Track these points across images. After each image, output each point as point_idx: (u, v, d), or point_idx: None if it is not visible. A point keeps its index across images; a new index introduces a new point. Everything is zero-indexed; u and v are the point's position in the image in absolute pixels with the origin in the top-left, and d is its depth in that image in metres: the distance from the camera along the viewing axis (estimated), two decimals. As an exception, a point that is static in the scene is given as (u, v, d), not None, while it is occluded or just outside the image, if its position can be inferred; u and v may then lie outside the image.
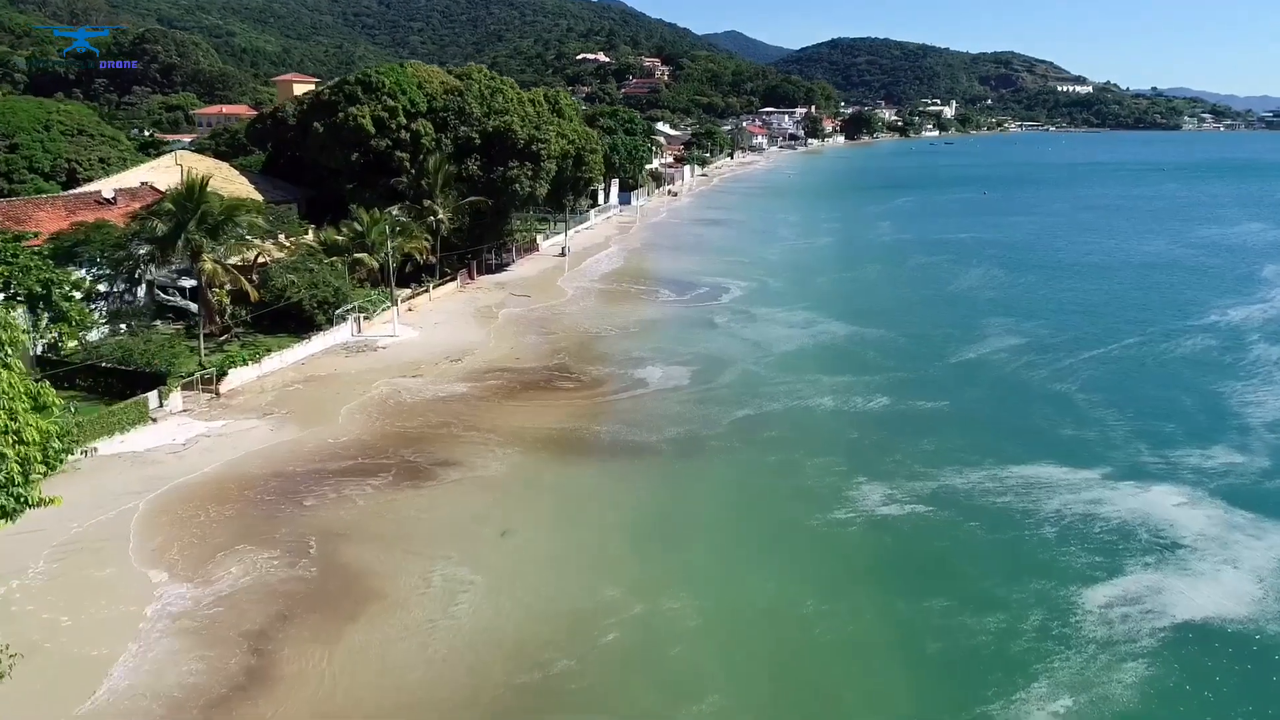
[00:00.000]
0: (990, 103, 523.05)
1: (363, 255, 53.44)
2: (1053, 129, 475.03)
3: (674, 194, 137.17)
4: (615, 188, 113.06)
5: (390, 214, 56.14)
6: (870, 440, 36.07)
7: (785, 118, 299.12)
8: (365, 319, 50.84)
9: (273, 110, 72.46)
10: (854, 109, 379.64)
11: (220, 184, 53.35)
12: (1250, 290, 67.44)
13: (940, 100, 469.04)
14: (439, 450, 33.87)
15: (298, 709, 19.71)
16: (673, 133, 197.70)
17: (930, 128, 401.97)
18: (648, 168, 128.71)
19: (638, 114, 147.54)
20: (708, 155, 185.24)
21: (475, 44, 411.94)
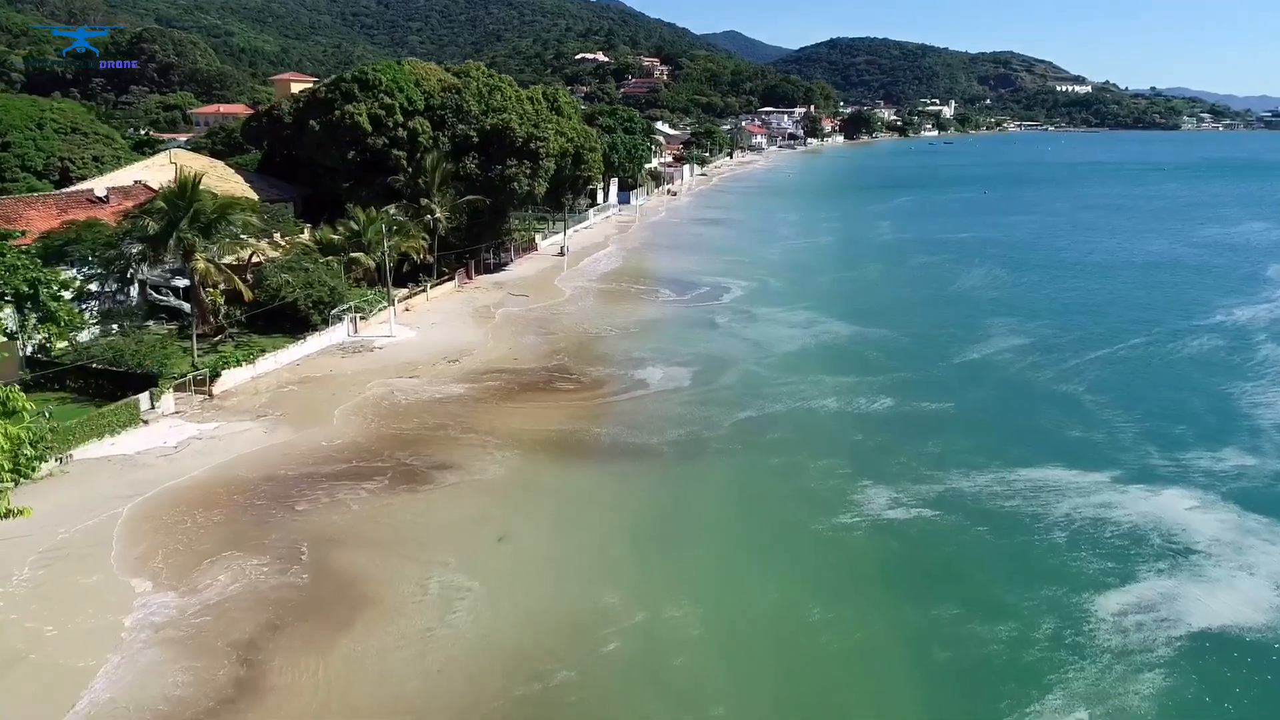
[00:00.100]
0: (989, 102, 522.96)
1: (359, 254, 52.89)
2: (1051, 129, 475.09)
3: (673, 193, 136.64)
4: (614, 187, 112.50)
5: (387, 213, 55.53)
6: (874, 442, 35.48)
7: (784, 117, 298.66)
8: (361, 319, 50.24)
9: (269, 108, 71.75)
10: (853, 109, 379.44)
11: (215, 182, 52.68)
12: (1255, 290, 66.86)
13: (939, 100, 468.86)
14: (436, 453, 33.25)
15: (289, 722, 19.05)
16: (672, 132, 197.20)
17: (929, 127, 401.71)
18: (647, 167, 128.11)
19: (637, 113, 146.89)
20: (707, 155, 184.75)
21: (474, 44, 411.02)
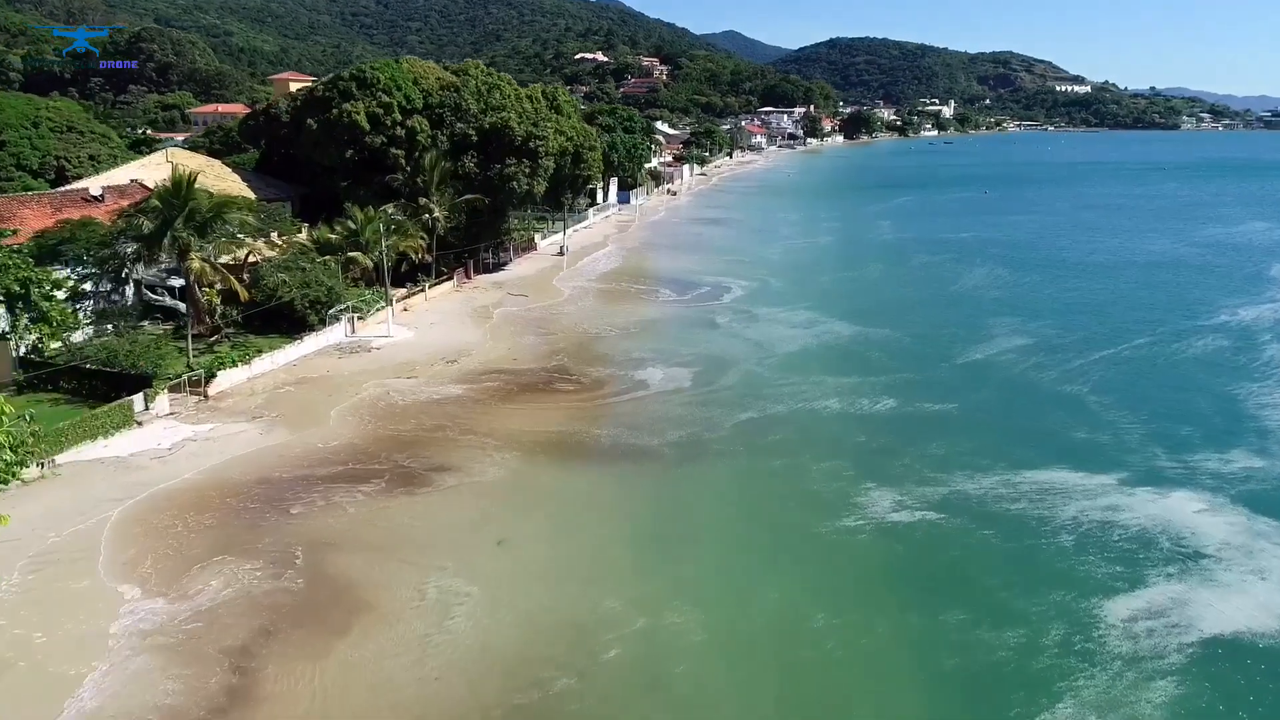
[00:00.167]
0: (989, 102, 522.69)
1: (357, 254, 52.42)
2: (1051, 129, 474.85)
3: (673, 193, 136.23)
4: (614, 186, 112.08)
5: (385, 212, 55.09)
6: (878, 444, 35.07)
7: (784, 117, 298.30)
8: (359, 319, 49.78)
9: (266, 107, 71.31)
10: (853, 109, 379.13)
11: (211, 181, 52.26)
12: (1259, 289, 66.47)
13: (939, 100, 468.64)
14: (434, 455, 32.81)
15: (282, 732, 18.63)
16: (671, 132, 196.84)
17: (929, 127, 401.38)
18: (647, 166, 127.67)
19: (636, 112, 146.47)
20: (707, 154, 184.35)
21: (473, 44, 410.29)
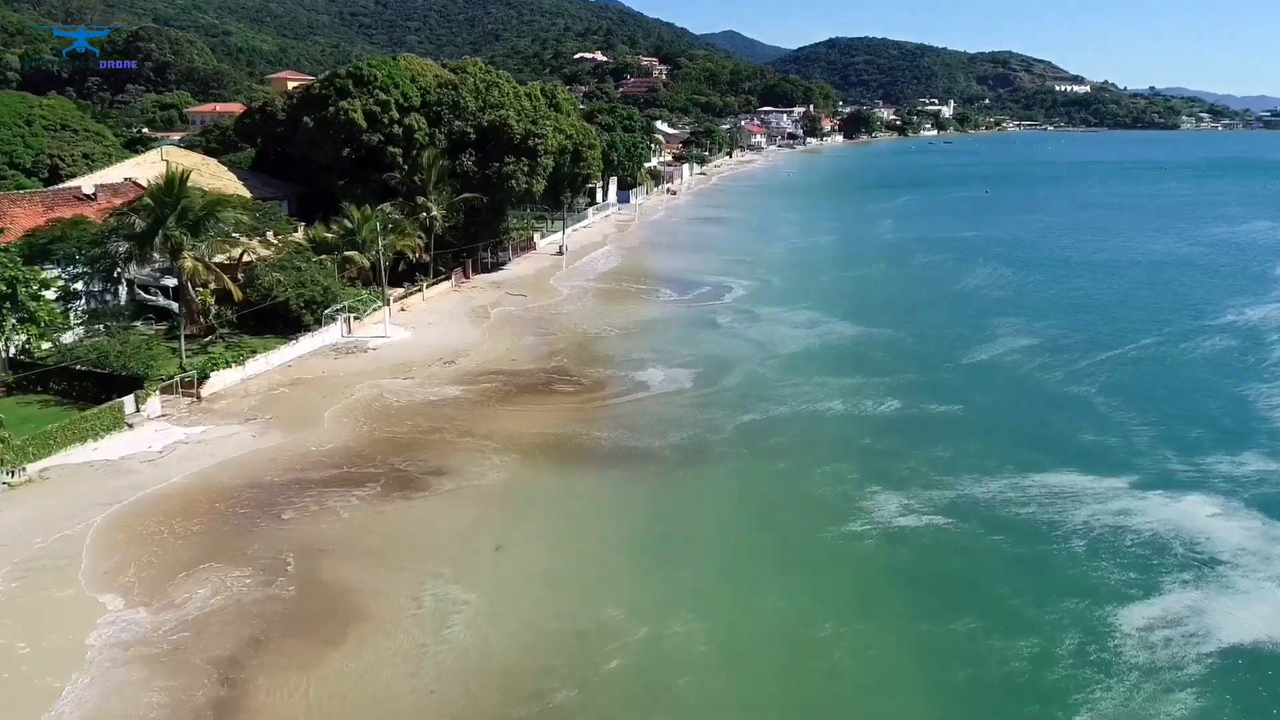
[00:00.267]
0: (988, 102, 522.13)
1: (353, 253, 51.80)
2: (1051, 128, 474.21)
3: (673, 192, 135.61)
4: (614, 186, 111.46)
5: (382, 211, 54.48)
6: (882, 446, 34.43)
7: (784, 117, 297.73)
8: (356, 319, 49.14)
9: (262, 105, 70.63)
10: (852, 108, 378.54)
11: (206, 180, 51.65)
12: (1265, 289, 65.87)
13: (938, 100, 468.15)
14: (431, 457, 32.17)
15: (271, 747, 18.01)
16: (671, 131, 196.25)
17: (928, 127, 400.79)
18: (646, 166, 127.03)
19: (636, 111, 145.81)
20: (706, 154, 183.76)
21: (472, 43, 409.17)
